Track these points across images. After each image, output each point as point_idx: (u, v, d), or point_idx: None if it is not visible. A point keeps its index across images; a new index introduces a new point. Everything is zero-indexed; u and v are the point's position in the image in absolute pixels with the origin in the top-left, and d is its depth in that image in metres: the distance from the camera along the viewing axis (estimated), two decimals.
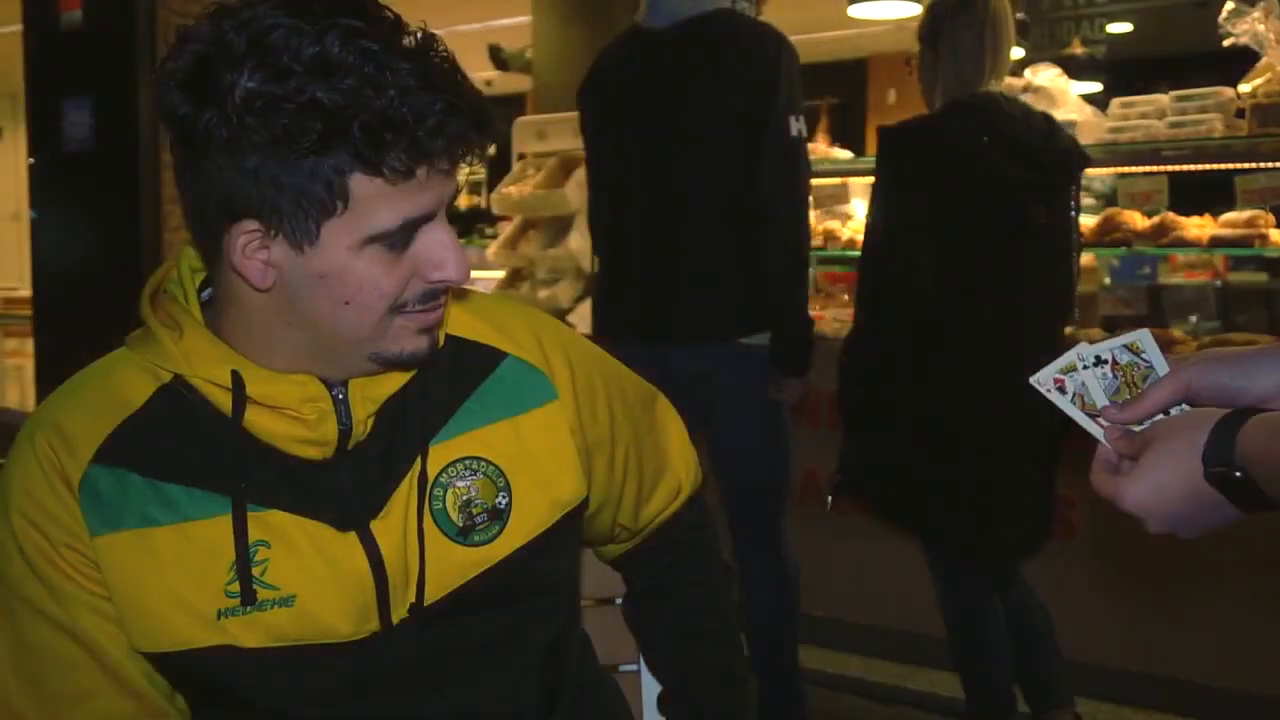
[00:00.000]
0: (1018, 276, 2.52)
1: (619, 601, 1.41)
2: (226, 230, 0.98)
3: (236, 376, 1.02)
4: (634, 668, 1.42)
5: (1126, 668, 3.16)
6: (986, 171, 2.46)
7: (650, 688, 1.40)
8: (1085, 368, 0.96)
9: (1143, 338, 0.96)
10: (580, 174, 5.08)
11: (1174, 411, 0.93)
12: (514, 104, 8.54)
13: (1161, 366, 0.95)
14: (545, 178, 5.46)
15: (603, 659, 1.36)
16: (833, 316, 4.13)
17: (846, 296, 4.45)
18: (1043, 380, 0.97)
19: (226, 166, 0.94)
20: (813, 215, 4.15)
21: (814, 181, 4.12)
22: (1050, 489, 2.70)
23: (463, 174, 1.03)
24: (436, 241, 1.01)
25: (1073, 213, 2.62)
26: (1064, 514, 3.18)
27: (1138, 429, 0.94)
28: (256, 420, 1.03)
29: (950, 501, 2.59)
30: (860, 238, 3.90)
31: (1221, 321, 5.92)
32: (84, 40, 3.67)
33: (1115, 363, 0.96)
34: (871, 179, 4.15)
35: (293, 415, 1.04)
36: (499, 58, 7.82)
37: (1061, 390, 0.97)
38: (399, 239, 0.99)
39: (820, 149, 4.15)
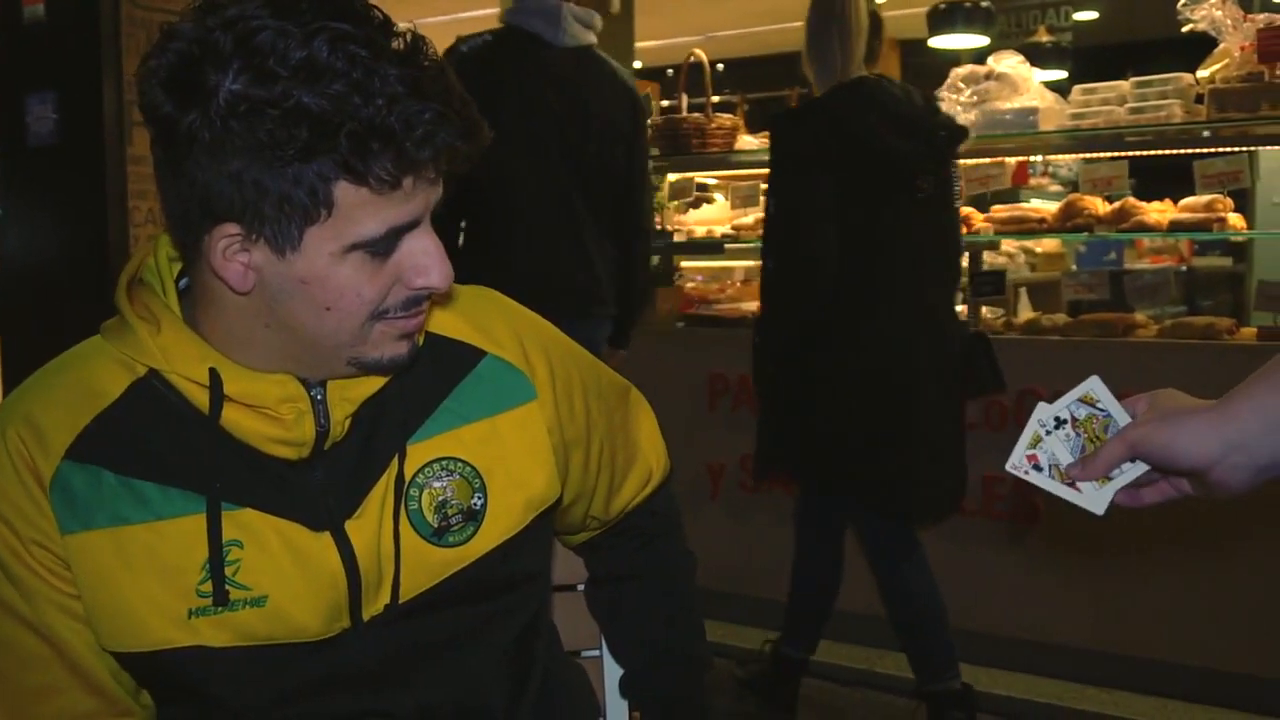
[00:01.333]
0: (913, 242, 2.75)
1: (581, 588, 1.42)
2: (207, 232, 0.96)
3: (214, 374, 1.00)
4: (596, 653, 1.42)
5: (1090, 647, 3.20)
6: (877, 143, 2.66)
7: (613, 672, 1.41)
8: (1049, 433, 0.98)
9: (1094, 387, 0.98)
10: None
11: (1126, 466, 0.96)
12: None
13: (1119, 414, 0.97)
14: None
15: (566, 645, 1.37)
16: None
17: None
18: (1018, 464, 0.99)
19: (208, 169, 0.92)
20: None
21: None
22: (963, 445, 2.89)
23: None
24: (420, 249, 0.99)
25: (954, 184, 2.87)
26: (1029, 499, 3.22)
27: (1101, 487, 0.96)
28: (233, 418, 1.01)
29: (876, 461, 2.76)
30: None
31: (1187, 306, 5.98)
32: (47, 34, 3.63)
33: (1074, 420, 0.98)
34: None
35: (270, 415, 1.02)
36: None
37: (1038, 468, 0.98)
38: (382, 246, 0.97)
39: None
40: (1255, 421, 0.88)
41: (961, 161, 3.65)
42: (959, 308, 3.17)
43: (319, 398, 1.04)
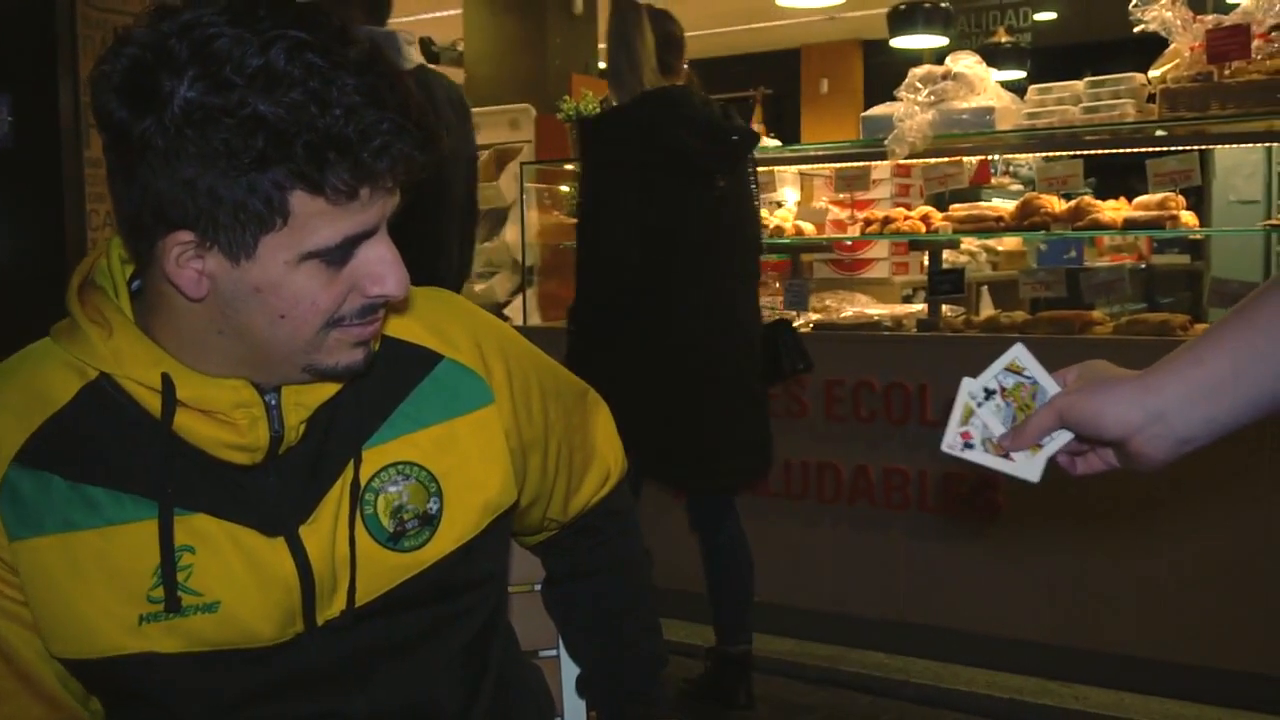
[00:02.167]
0: (711, 236, 2.98)
1: (538, 587, 1.42)
2: (160, 238, 0.95)
3: (167, 379, 1.00)
4: (553, 653, 1.43)
5: (1050, 642, 3.24)
6: (675, 144, 2.89)
7: (570, 671, 1.41)
8: (979, 405, 0.98)
9: (1019, 355, 0.98)
10: (514, 167, 5.08)
11: (1056, 434, 0.96)
12: None
13: (1046, 381, 0.97)
14: (480, 171, 5.44)
15: (523, 645, 1.38)
16: (763, 304, 4.17)
17: (778, 284, 4.49)
18: (952, 444, 0.98)
19: (162, 176, 0.91)
20: None
21: None
22: (767, 424, 3.14)
23: None
24: (376, 257, 0.99)
25: (751, 184, 3.14)
26: (988, 495, 3.25)
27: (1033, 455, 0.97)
28: (186, 423, 1.01)
29: (676, 441, 2.98)
30: (788, 225, 3.96)
31: (1147, 303, 6.05)
32: (0, 35, 3.60)
33: (1003, 389, 0.98)
34: (800, 167, 4.26)
35: (223, 420, 1.01)
36: (430, 51, 7.78)
37: (970, 445, 0.98)
38: (338, 255, 0.96)
39: None
40: (1176, 392, 0.89)
41: (919, 161, 3.70)
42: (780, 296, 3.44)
43: (273, 403, 1.04)
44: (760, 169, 4.09)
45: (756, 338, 3.12)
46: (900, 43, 6.94)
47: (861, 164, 3.87)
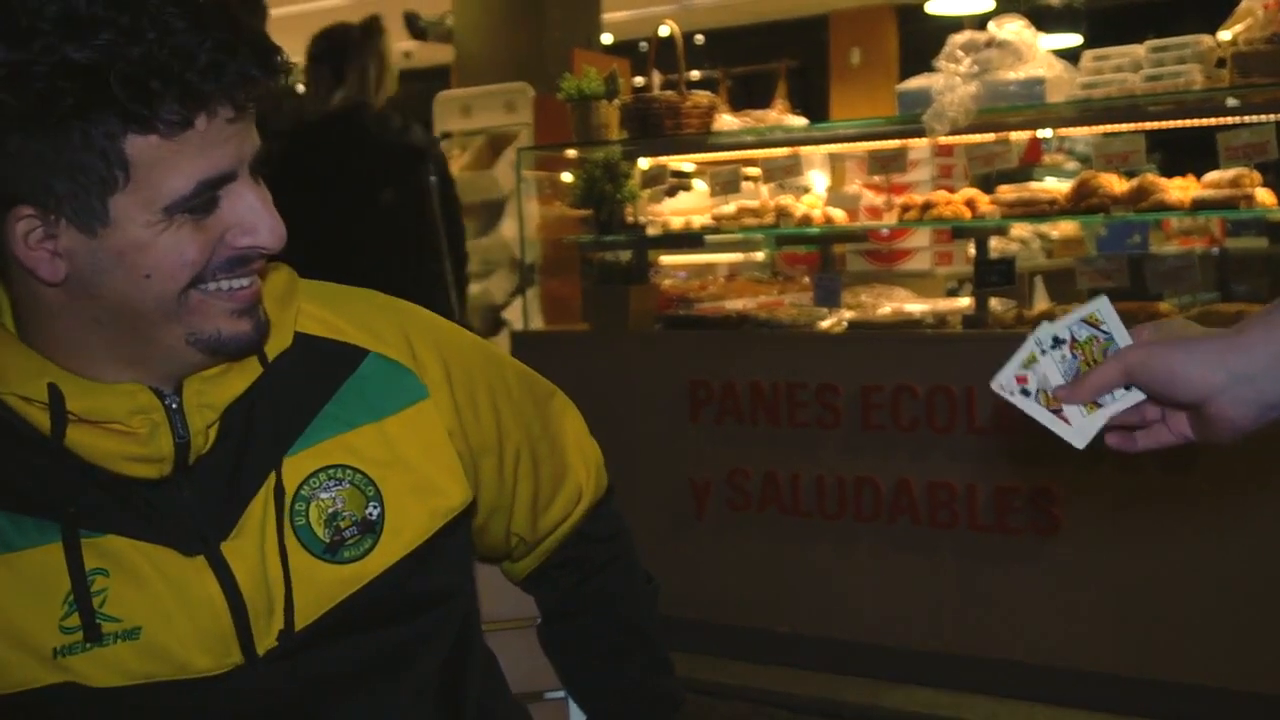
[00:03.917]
0: (382, 245, 3.56)
1: (539, 621, 1.42)
2: (2, 222, 0.96)
3: (54, 390, 1.01)
4: (560, 695, 1.43)
5: (1121, 673, 3.22)
6: (350, 161, 3.57)
7: (579, 716, 1.41)
8: (1044, 353, 0.98)
9: (1101, 308, 0.98)
10: (511, 154, 5.09)
11: (1119, 393, 0.95)
12: (435, 77, 8.52)
13: (1122, 338, 0.97)
14: (472, 158, 5.46)
15: (525, 686, 1.37)
16: (791, 301, 4.17)
17: (806, 279, 4.49)
18: (1005, 384, 0.98)
19: None
20: (764, 189, 4.20)
21: (765, 153, 4.18)
22: None
23: None
24: (244, 204, 1.00)
25: (426, 197, 3.74)
26: (1046, 510, 3.24)
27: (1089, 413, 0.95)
28: (81, 438, 1.02)
29: None
30: (817, 213, 3.96)
31: (1220, 292, 6.02)
32: None
33: (1074, 340, 0.98)
34: (830, 147, 4.27)
35: (121, 430, 1.02)
36: (416, 26, 7.81)
37: (1025, 391, 0.98)
38: (199, 204, 0.97)
39: (771, 116, 4.18)
40: (1268, 352, 0.88)
41: (961, 139, 3.68)
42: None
43: (174, 406, 1.05)
44: (786, 150, 4.10)
45: None
46: (938, 7, 6.93)
47: (898, 143, 3.85)
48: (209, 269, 1.00)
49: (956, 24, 5.60)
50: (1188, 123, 3.52)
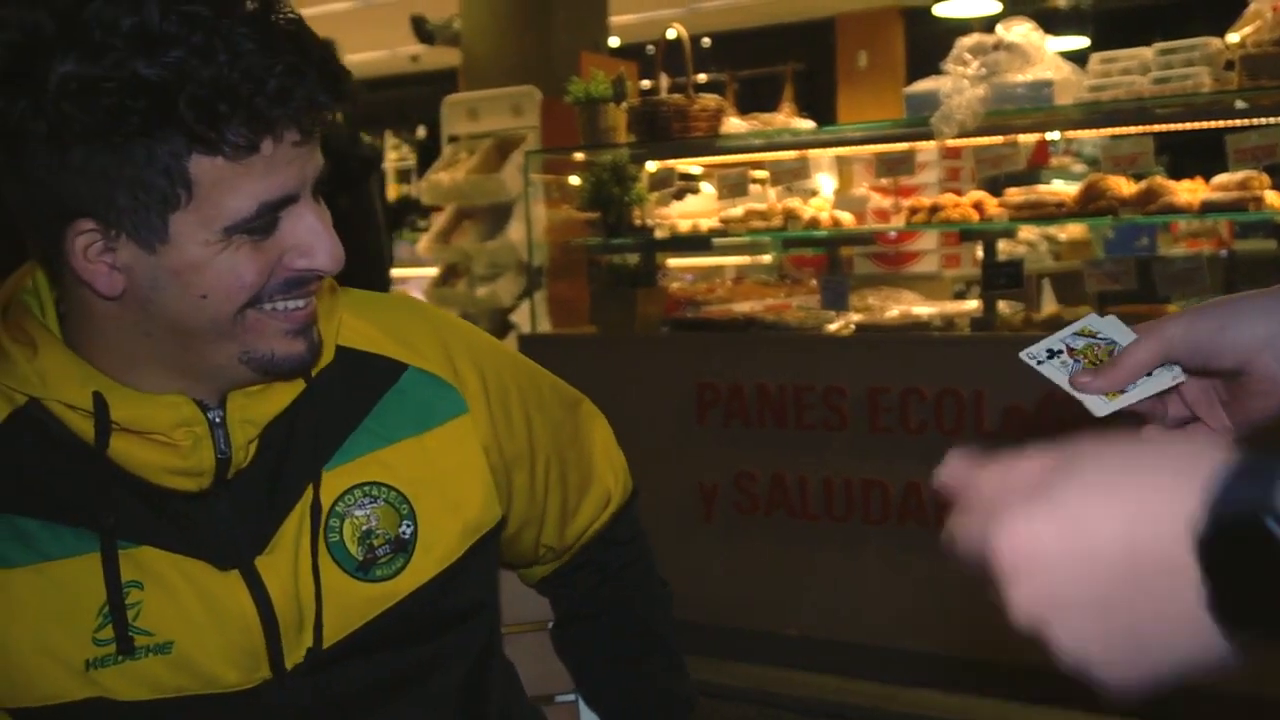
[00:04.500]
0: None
1: (550, 625, 1.42)
2: (62, 233, 0.96)
3: (99, 398, 1.00)
4: (571, 698, 1.43)
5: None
6: None
7: (590, 718, 1.42)
8: (1039, 364, 0.96)
9: (1091, 321, 0.96)
10: (518, 157, 5.10)
11: (1155, 373, 0.90)
12: (443, 81, 8.54)
13: (1124, 336, 0.93)
14: (480, 161, 5.46)
15: (536, 689, 1.38)
16: (798, 304, 4.17)
17: (814, 282, 4.49)
18: (1034, 352, 0.94)
19: (51, 163, 0.92)
20: (771, 192, 4.20)
21: (772, 156, 4.19)
22: None
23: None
24: (304, 226, 1.00)
25: (372, 205, 3.99)
26: None
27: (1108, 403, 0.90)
28: (123, 448, 1.02)
29: None
30: (824, 216, 3.96)
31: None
32: None
33: (1070, 349, 0.96)
34: (837, 150, 4.28)
35: (163, 441, 1.02)
36: (423, 30, 7.82)
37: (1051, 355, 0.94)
38: (260, 225, 0.97)
39: (778, 118, 4.18)
40: None
41: (969, 141, 3.68)
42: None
43: (217, 420, 1.04)
44: (793, 153, 4.11)
45: None
46: (946, 10, 6.93)
47: (905, 146, 3.85)
48: (266, 290, 1.00)
49: (964, 27, 5.60)
50: (1196, 125, 3.51)
